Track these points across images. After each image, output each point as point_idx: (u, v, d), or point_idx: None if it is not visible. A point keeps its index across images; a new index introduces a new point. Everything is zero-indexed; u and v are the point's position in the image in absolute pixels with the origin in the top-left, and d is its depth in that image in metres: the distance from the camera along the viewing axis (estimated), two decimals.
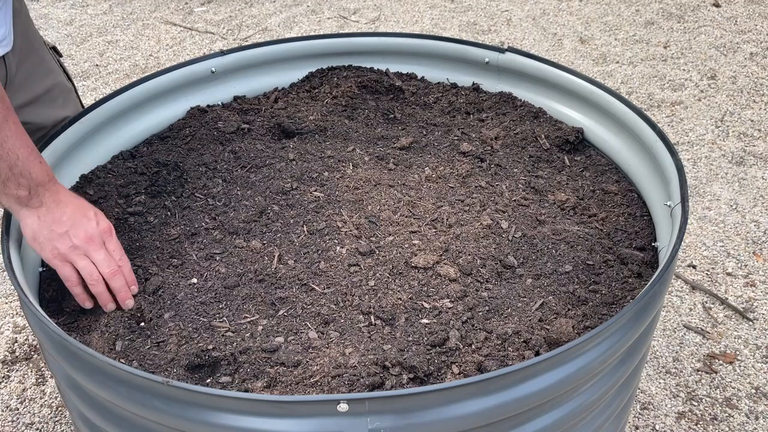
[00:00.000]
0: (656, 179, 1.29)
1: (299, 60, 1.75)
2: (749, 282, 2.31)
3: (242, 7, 4.72)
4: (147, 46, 4.17)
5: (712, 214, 2.62)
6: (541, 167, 1.44)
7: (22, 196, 1.02)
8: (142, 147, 1.49)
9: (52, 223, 1.04)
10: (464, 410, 0.81)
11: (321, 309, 1.05)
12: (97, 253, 1.05)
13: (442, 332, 1.00)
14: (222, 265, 1.15)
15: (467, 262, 1.13)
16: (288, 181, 1.33)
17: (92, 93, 3.65)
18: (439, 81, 1.76)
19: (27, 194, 1.02)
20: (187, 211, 1.28)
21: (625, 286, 1.12)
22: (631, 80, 3.60)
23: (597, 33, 4.15)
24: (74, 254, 1.04)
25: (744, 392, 1.93)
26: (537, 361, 0.82)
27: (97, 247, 1.06)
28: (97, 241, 1.06)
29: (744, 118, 3.23)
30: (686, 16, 4.29)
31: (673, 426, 1.85)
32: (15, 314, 2.28)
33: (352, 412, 0.78)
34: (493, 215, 1.25)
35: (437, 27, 4.32)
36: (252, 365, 0.96)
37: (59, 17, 4.62)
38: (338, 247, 1.17)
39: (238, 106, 1.63)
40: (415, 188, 1.33)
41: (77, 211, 1.06)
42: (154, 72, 1.55)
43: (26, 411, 1.95)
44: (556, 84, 1.56)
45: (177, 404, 0.82)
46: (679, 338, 2.11)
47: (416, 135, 1.53)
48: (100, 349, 0.99)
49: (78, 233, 1.05)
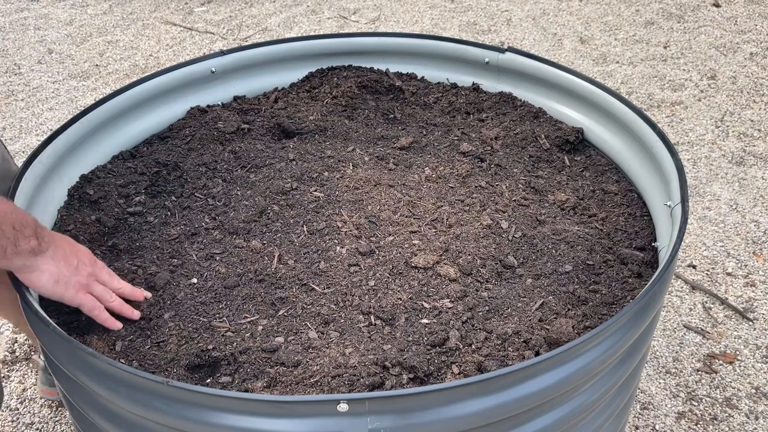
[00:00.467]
0: (656, 179, 1.29)
1: (299, 60, 1.75)
2: (749, 282, 2.31)
3: (242, 7, 4.72)
4: (147, 46, 4.17)
5: (712, 214, 2.62)
6: (541, 167, 1.44)
7: (34, 246, 0.97)
8: (142, 147, 1.49)
9: (64, 260, 1.01)
10: (464, 410, 0.81)
11: (321, 309, 1.05)
12: (102, 274, 1.05)
13: (442, 332, 1.00)
14: (222, 265, 1.14)
15: (467, 262, 1.13)
16: (288, 181, 1.33)
17: (92, 93, 3.65)
18: (439, 81, 1.76)
19: (37, 242, 0.97)
20: (187, 211, 1.28)
21: (625, 286, 1.12)
22: (631, 80, 3.60)
23: (597, 33, 4.14)
24: (92, 282, 1.03)
25: (744, 392, 1.93)
26: (537, 361, 0.82)
27: (100, 268, 1.06)
28: (96, 263, 1.06)
29: (744, 118, 3.23)
30: (686, 16, 4.29)
31: (673, 426, 1.85)
32: None
33: (352, 412, 0.78)
34: (493, 215, 1.25)
35: (437, 27, 4.32)
36: (252, 365, 0.96)
37: (59, 17, 4.62)
38: (338, 247, 1.17)
39: (238, 106, 1.63)
40: (415, 188, 1.33)
41: (67, 242, 1.05)
42: (154, 72, 1.55)
43: (26, 411, 1.95)
44: (556, 84, 1.56)
45: (177, 404, 0.82)
46: (679, 338, 2.11)
47: (416, 135, 1.53)
48: (100, 349, 0.99)
49: (84, 260, 1.04)
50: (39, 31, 4.42)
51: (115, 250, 1.18)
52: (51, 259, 0.99)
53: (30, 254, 0.96)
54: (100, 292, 1.03)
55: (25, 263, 0.97)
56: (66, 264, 1.01)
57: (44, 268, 0.98)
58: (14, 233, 0.93)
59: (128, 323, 1.05)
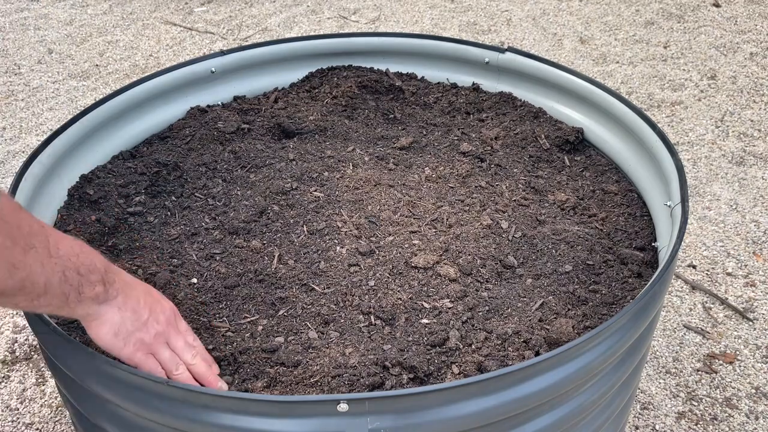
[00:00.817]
0: (656, 179, 1.29)
1: (299, 60, 1.75)
2: (749, 282, 2.31)
3: (242, 7, 4.72)
4: (147, 46, 4.17)
5: (712, 214, 2.62)
6: (541, 167, 1.44)
7: (99, 293, 0.85)
8: (142, 147, 1.49)
9: (132, 313, 0.89)
10: (464, 410, 0.81)
11: (321, 309, 1.05)
12: (176, 339, 0.93)
13: (442, 332, 1.00)
14: (222, 265, 1.14)
15: (467, 262, 1.13)
16: (288, 181, 1.33)
17: (92, 93, 3.65)
18: (439, 81, 1.76)
19: (103, 288, 0.85)
20: (187, 211, 1.28)
21: (625, 286, 1.12)
22: (631, 80, 3.60)
23: (597, 33, 4.14)
24: (158, 344, 0.91)
25: (744, 392, 1.93)
26: (537, 361, 0.82)
27: (175, 332, 0.93)
28: (174, 325, 0.94)
29: (744, 118, 3.23)
30: (686, 16, 4.29)
31: (673, 426, 1.85)
32: (15, 314, 2.28)
33: (352, 412, 0.78)
34: (493, 215, 1.25)
35: (437, 27, 4.32)
36: (252, 365, 0.96)
37: (59, 17, 4.62)
38: (338, 247, 1.17)
39: (238, 106, 1.63)
40: (415, 188, 1.33)
41: (148, 293, 0.92)
42: (154, 72, 1.55)
43: (26, 411, 1.95)
44: (556, 84, 1.56)
45: (177, 404, 0.82)
46: (679, 338, 2.11)
47: (416, 135, 1.53)
48: (100, 350, 0.98)
49: (159, 318, 0.91)
50: (39, 31, 4.42)
51: (115, 250, 1.18)
52: (117, 309, 0.87)
53: (93, 302, 0.84)
54: (165, 359, 0.91)
55: (88, 312, 0.85)
56: (133, 316, 0.89)
57: (106, 318, 0.86)
58: (79, 279, 0.81)
59: None
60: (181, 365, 0.92)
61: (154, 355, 0.90)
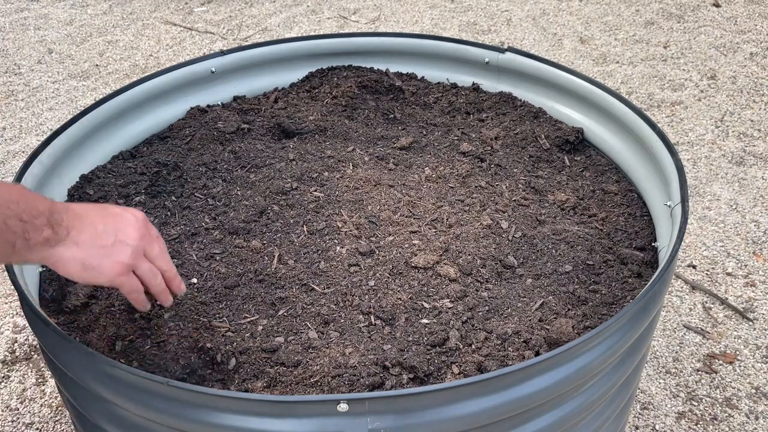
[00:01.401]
0: (656, 179, 1.29)
1: (299, 60, 1.75)
2: (749, 282, 2.31)
3: (242, 7, 4.72)
4: (147, 46, 4.17)
5: (712, 214, 2.62)
6: (541, 167, 1.44)
7: (49, 236, 0.83)
8: (142, 147, 1.49)
9: (93, 242, 0.87)
10: (464, 410, 0.81)
11: (321, 309, 1.05)
12: (152, 248, 0.93)
13: (442, 332, 1.00)
14: (222, 265, 1.14)
15: (467, 262, 1.13)
16: (288, 181, 1.33)
17: (92, 93, 3.65)
18: (439, 81, 1.76)
19: (51, 231, 0.84)
20: (187, 211, 1.28)
21: (625, 286, 1.12)
22: (631, 80, 3.60)
23: (597, 33, 4.15)
24: (137, 259, 0.91)
25: (744, 392, 1.93)
26: (537, 361, 0.82)
27: (149, 241, 0.93)
28: (147, 234, 0.93)
29: (744, 118, 3.23)
30: (686, 16, 4.29)
31: (673, 426, 1.85)
32: (15, 314, 2.28)
33: (352, 412, 0.78)
34: (493, 215, 1.25)
35: (437, 27, 4.32)
36: (252, 365, 0.96)
37: (59, 17, 4.62)
38: (338, 247, 1.17)
39: (238, 106, 1.63)
40: (415, 188, 1.33)
41: (105, 214, 0.91)
42: (154, 72, 1.55)
43: (26, 411, 1.95)
44: (555, 84, 1.56)
45: (177, 404, 0.82)
46: (679, 338, 2.11)
47: (416, 135, 1.53)
48: (100, 350, 0.99)
49: (129, 233, 0.90)
50: (39, 31, 4.42)
51: None
52: (74, 245, 0.86)
53: (45, 246, 0.83)
54: (144, 271, 0.92)
55: (42, 256, 0.84)
56: (95, 245, 0.87)
57: (67, 257, 0.86)
58: (22, 226, 0.80)
59: (130, 323, 1.05)
60: (158, 275, 0.94)
61: (135, 270, 0.91)
